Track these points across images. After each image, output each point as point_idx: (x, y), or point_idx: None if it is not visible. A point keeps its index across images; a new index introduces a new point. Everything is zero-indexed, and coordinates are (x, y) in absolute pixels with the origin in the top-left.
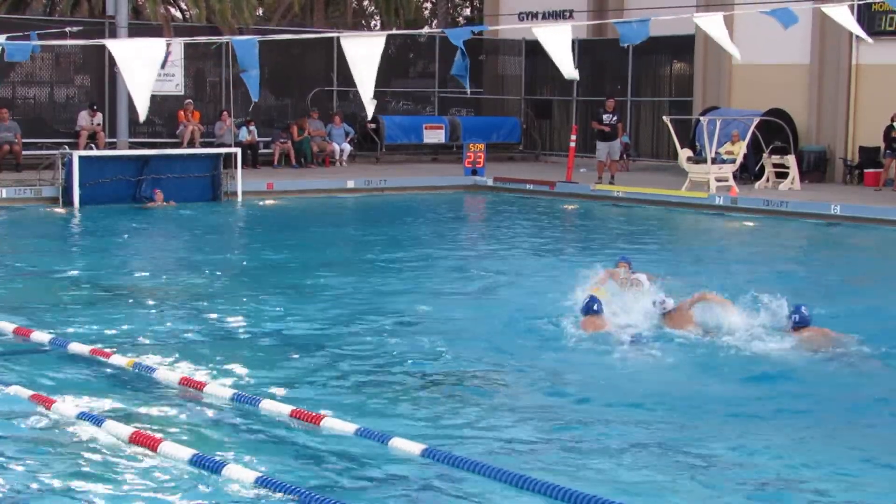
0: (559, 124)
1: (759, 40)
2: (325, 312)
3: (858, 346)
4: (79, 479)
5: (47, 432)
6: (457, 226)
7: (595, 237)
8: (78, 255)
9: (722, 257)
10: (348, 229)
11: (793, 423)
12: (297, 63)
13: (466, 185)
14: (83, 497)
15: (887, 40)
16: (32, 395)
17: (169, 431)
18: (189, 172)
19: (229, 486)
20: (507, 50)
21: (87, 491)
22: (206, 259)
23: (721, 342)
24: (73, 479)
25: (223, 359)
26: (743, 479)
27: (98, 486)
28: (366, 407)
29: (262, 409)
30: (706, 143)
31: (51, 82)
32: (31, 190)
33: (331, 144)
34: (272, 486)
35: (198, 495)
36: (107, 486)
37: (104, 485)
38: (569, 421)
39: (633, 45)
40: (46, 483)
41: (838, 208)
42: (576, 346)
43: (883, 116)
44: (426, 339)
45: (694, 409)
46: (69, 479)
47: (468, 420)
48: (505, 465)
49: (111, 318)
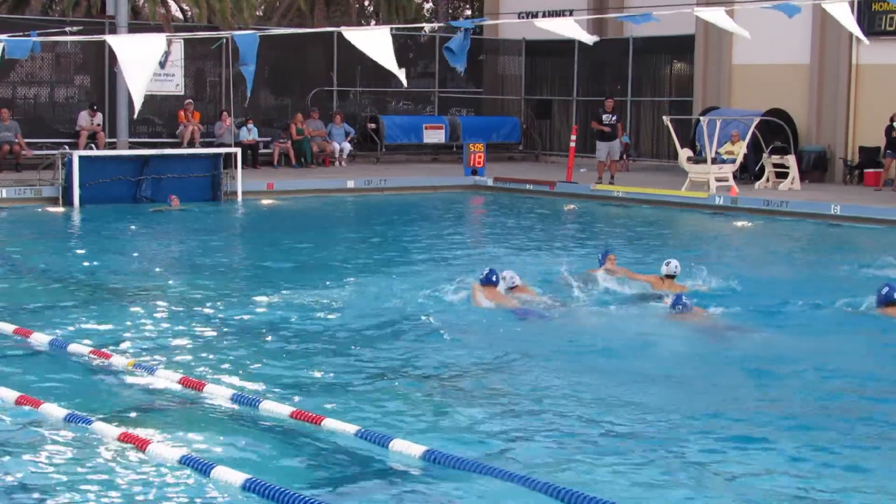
0: (559, 124)
1: (759, 40)
2: (326, 313)
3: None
4: (72, 481)
5: (36, 434)
6: (457, 226)
7: (595, 237)
8: (78, 256)
9: (719, 257)
10: (348, 229)
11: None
12: (297, 63)
13: (466, 185)
14: (79, 499)
15: (887, 40)
16: (20, 397)
17: (168, 431)
18: (189, 172)
19: (222, 488)
20: (507, 50)
21: (84, 492)
22: (206, 259)
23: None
24: (66, 481)
25: (223, 359)
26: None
27: (89, 487)
28: (367, 407)
29: (263, 410)
30: (706, 143)
31: (51, 82)
32: (31, 190)
33: (331, 144)
34: (261, 489)
35: (191, 496)
36: (99, 487)
37: (95, 486)
38: (572, 422)
39: (634, 44)
40: (40, 484)
41: (838, 208)
42: (577, 346)
43: (883, 116)
44: (427, 339)
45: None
46: (62, 481)
47: (469, 420)
48: (506, 467)
49: (111, 318)
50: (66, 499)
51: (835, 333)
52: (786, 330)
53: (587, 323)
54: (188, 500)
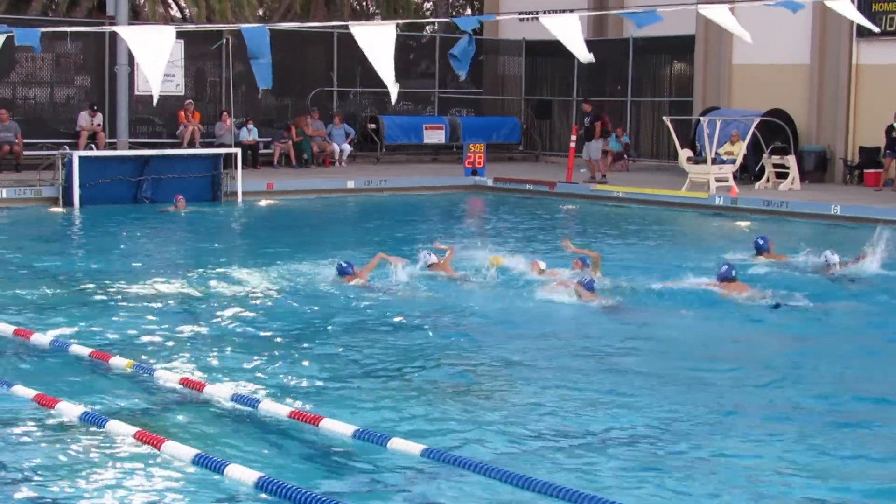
0: (559, 124)
1: (759, 40)
2: (325, 313)
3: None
4: (80, 479)
5: (49, 432)
6: (457, 226)
7: (594, 237)
8: (78, 256)
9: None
10: (348, 229)
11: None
12: (297, 63)
13: (466, 186)
14: (87, 497)
15: (887, 40)
16: (36, 395)
17: (168, 432)
18: (189, 172)
19: (231, 486)
20: (507, 50)
21: (89, 491)
22: (206, 259)
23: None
24: (73, 479)
25: (222, 359)
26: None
27: (99, 485)
28: (366, 407)
29: (262, 410)
30: (706, 143)
31: (51, 82)
32: (31, 190)
33: (331, 144)
34: (273, 487)
35: (199, 495)
36: (109, 486)
37: (105, 484)
38: (571, 420)
39: (634, 44)
40: (49, 483)
41: (838, 208)
42: (577, 346)
43: (883, 116)
44: (426, 339)
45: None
46: (70, 479)
47: (469, 420)
48: (506, 466)
49: (111, 318)
50: (81, 497)
51: (678, 309)
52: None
53: (587, 321)
54: (199, 498)
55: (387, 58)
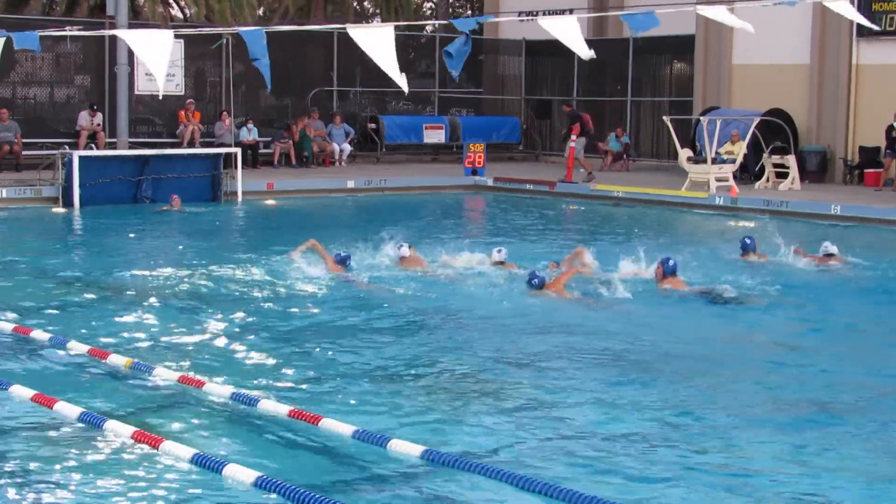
0: (559, 124)
1: (758, 40)
2: (325, 313)
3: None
4: (80, 479)
5: (48, 432)
6: (457, 226)
7: (594, 237)
8: (78, 256)
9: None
10: (348, 229)
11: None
12: (297, 63)
13: (466, 185)
14: (84, 497)
15: (887, 40)
16: (34, 395)
17: (167, 431)
18: (189, 172)
19: (230, 486)
20: (507, 50)
21: (88, 491)
22: (206, 259)
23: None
24: (72, 479)
25: (222, 358)
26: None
27: (98, 485)
28: (365, 407)
29: (261, 409)
30: (706, 143)
31: (51, 82)
32: (31, 190)
33: (331, 144)
34: (272, 487)
35: (198, 494)
36: (108, 486)
37: (104, 484)
38: (572, 420)
39: (634, 44)
40: (48, 484)
41: (838, 208)
42: (578, 346)
43: (883, 116)
44: (426, 339)
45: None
46: (69, 479)
47: (469, 420)
48: (506, 466)
49: (111, 317)
50: (81, 497)
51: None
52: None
53: (587, 321)
54: (198, 498)
55: (390, 56)
